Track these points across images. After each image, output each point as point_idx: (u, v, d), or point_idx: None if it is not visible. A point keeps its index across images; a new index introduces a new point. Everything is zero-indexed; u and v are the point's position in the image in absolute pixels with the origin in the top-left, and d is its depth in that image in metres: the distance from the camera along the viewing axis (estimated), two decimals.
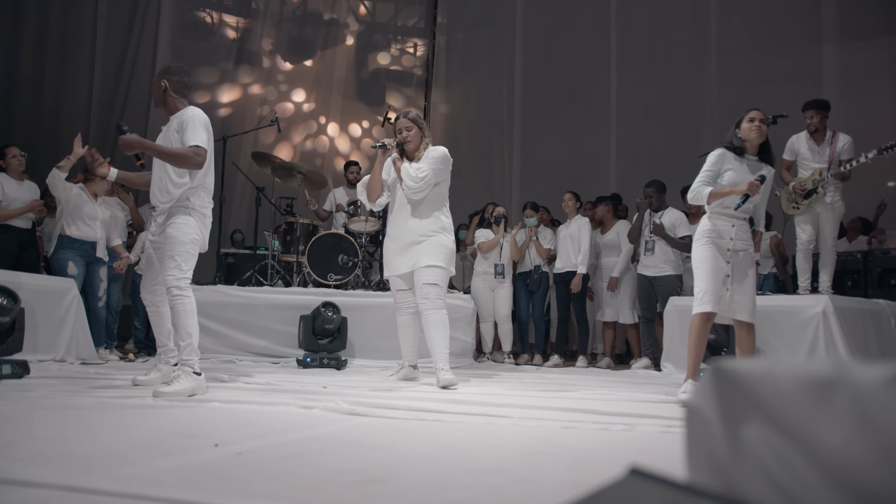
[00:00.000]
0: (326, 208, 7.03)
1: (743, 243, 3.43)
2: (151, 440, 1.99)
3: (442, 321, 3.83)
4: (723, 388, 0.57)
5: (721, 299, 3.36)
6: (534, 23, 10.04)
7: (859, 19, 8.10)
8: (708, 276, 3.38)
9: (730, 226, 3.42)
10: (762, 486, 0.52)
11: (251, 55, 10.03)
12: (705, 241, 3.43)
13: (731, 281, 3.38)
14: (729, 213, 3.41)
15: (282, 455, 1.84)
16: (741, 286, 3.38)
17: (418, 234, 3.90)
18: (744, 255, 3.42)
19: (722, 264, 3.38)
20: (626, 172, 8.99)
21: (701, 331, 3.40)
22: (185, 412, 2.59)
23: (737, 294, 3.38)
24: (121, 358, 5.36)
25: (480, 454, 1.96)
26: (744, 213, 3.42)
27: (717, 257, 3.38)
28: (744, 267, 3.41)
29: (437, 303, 3.84)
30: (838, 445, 0.48)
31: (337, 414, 2.63)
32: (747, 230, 3.44)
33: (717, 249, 3.39)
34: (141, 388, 3.26)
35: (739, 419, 0.55)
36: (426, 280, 3.84)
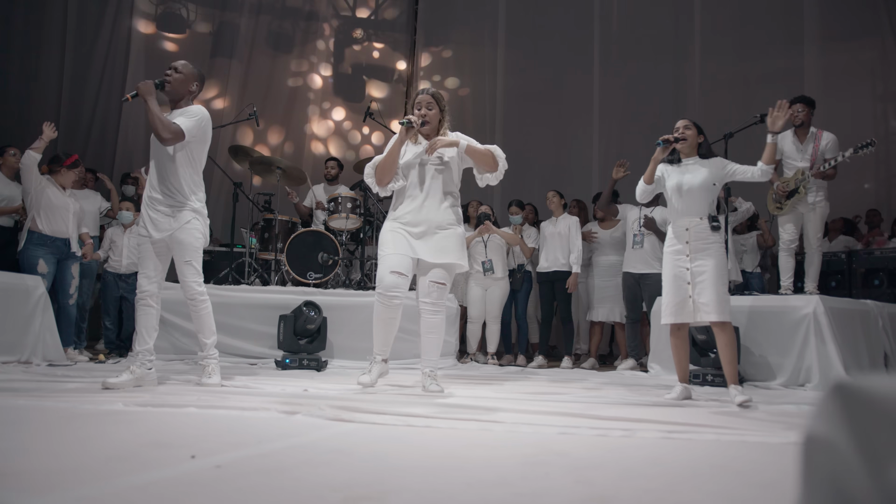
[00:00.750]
0: (307, 205, 6.86)
1: (701, 244, 3.44)
2: (122, 452, 1.84)
3: (441, 325, 3.62)
4: (857, 414, 0.46)
5: (683, 307, 3.44)
6: (516, 19, 9.95)
7: (840, 22, 8.15)
8: (667, 288, 3.53)
9: (684, 230, 3.49)
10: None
11: (228, 49, 9.79)
12: (666, 252, 3.58)
13: (692, 287, 3.41)
14: (683, 216, 3.50)
15: (265, 467, 1.70)
16: (702, 287, 3.38)
17: (435, 223, 3.54)
18: (705, 255, 3.41)
19: (681, 272, 3.45)
20: (609, 170, 8.92)
21: (675, 340, 3.56)
22: (158, 419, 2.43)
23: (700, 296, 3.39)
24: (90, 359, 5.14)
25: (478, 464, 1.83)
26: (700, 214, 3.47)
27: (675, 266, 3.48)
28: (705, 267, 3.39)
29: (440, 304, 3.59)
30: None
31: (321, 420, 2.49)
32: (705, 230, 3.44)
33: (675, 258, 3.49)
34: (111, 392, 3.08)
35: (888, 452, 0.43)
36: (436, 278, 3.54)
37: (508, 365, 6.10)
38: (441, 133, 3.63)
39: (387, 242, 3.55)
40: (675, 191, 3.54)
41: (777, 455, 2.07)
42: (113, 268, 5.74)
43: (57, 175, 5.12)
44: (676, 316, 3.45)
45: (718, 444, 2.22)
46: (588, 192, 8.65)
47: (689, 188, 3.49)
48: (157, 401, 2.81)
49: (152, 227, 3.51)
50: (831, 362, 4.06)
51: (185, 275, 3.53)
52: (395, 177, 3.62)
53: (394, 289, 3.44)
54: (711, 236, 3.43)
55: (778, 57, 8.29)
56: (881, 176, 7.81)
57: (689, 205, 3.49)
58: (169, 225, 3.49)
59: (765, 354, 4.31)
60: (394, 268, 3.45)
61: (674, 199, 3.56)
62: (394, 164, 3.57)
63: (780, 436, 2.33)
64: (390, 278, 3.44)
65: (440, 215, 3.55)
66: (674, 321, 3.47)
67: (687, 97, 8.72)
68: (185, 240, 3.49)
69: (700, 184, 3.47)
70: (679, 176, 3.55)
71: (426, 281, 3.56)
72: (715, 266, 3.38)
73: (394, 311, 3.48)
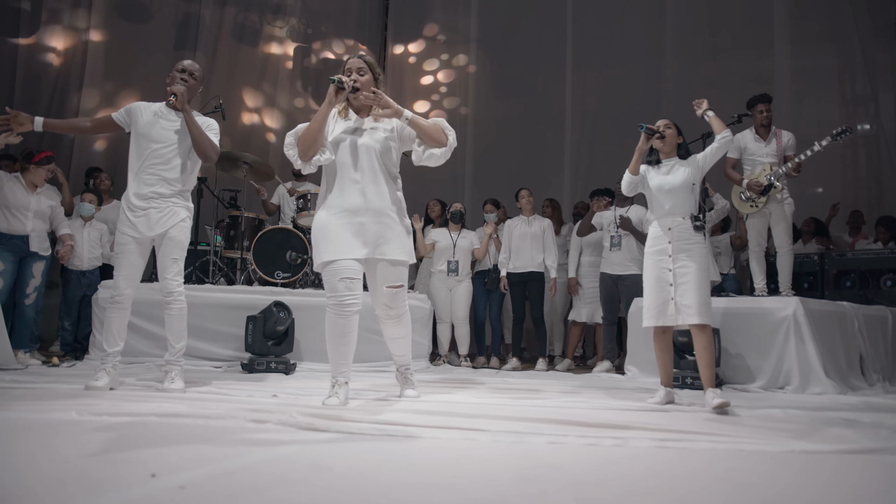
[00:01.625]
0: (274, 202, 6.63)
1: (684, 244, 3.38)
2: (73, 471, 1.65)
3: (407, 327, 3.37)
4: None
5: (665, 310, 3.37)
6: (489, 17, 9.84)
7: (808, 26, 8.21)
8: (648, 290, 3.47)
9: (666, 229, 3.45)
10: None
11: (192, 41, 9.47)
12: (648, 253, 3.52)
13: (674, 288, 3.35)
14: (666, 216, 3.46)
15: (235, 487, 1.54)
16: (684, 289, 3.32)
17: (375, 212, 3.08)
18: (687, 256, 3.36)
19: (663, 273, 3.40)
20: (581, 171, 8.90)
21: (658, 342, 3.48)
22: (115, 430, 2.23)
23: (682, 298, 3.32)
24: (43, 362, 4.86)
25: (469, 480, 1.69)
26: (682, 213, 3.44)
27: (657, 268, 3.43)
28: (687, 269, 3.33)
29: (402, 308, 3.27)
30: None
31: (294, 429, 2.33)
32: (688, 230, 3.40)
33: (657, 259, 3.44)
34: (62, 401, 2.85)
35: None
36: (393, 282, 3.18)
37: (482, 367, 5.98)
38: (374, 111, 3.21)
39: (329, 240, 3.05)
40: (657, 191, 3.51)
41: (777, 465, 1.97)
42: (74, 265, 5.44)
43: (27, 173, 4.86)
44: (658, 318, 3.39)
45: (715, 454, 2.12)
46: (560, 191, 8.60)
47: (670, 188, 3.46)
48: (114, 409, 2.60)
49: (145, 226, 3.44)
50: (811, 365, 4.02)
51: (170, 272, 3.48)
52: (321, 149, 3.13)
53: (349, 296, 3.00)
54: (694, 236, 3.38)
55: (749, 60, 8.32)
56: (848, 178, 7.90)
57: (671, 205, 3.45)
58: (165, 222, 3.46)
59: (744, 357, 4.26)
60: (344, 273, 3.00)
61: (655, 200, 3.52)
62: (319, 133, 3.07)
63: (776, 444, 2.24)
64: (342, 285, 2.99)
65: (380, 202, 3.10)
66: (655, 324, 3.41)
67: (659, 98, 8.71)
68: (177, 237, 3.48)
69: (681, 183, 3.45)
70: (660, 176, 3.52)
71: (381, 287, 3.19)
72: (698, 268, 3.33)
73: (351, 322, 3.02)
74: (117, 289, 3.45)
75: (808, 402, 3.58)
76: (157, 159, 3.46)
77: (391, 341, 3.41)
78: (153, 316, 4.81)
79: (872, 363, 4.60)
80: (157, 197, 3.45)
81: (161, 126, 3.50)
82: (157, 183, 3.44)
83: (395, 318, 3.29)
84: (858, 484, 1.83)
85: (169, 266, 3.48)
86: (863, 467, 2.00)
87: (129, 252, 3.45)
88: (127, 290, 3.47)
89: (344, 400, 3.02)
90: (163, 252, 3.49)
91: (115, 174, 6.62)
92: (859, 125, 7.98)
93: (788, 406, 3.33)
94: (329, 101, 3.08)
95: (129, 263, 3.46)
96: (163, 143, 3.48)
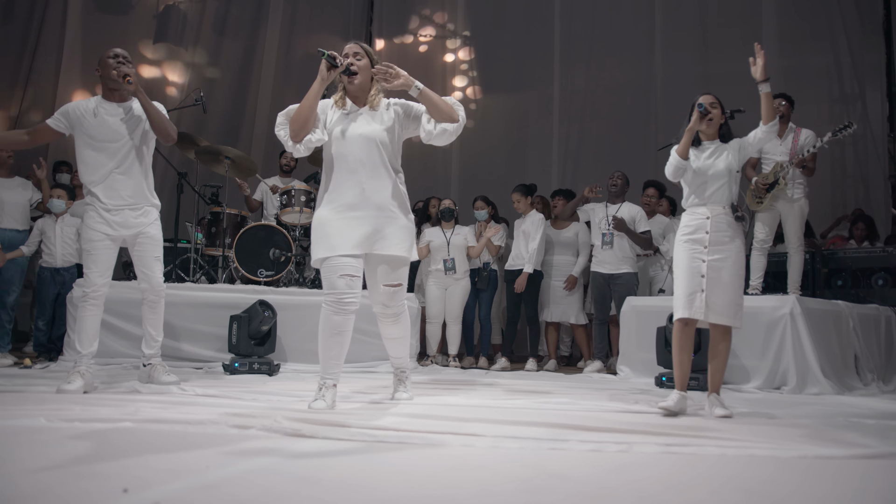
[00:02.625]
0: (257, 198, 6.46)
1: (722, 235, 3.11)
2: (39, 485, 1.50)
3: (406, 327, 3.23)
4: None
5: (693, 301, 3.08)
6: (476, 12, 9.72)
7: (797, 25, 8.19)
8: (681, 280, 3.15)
9: (704, 218, 3.16)
10: None
11: (174, 32, 9.25)
12: (680, 240, 3.20)
13: (705, 281, 3.09)
14: (708, 203, 3.17)
15: (215, 503, 1.40)
16: (717, 286, 3.07)
17: (375, 206, 2.93)
18: (724, 251, 3.10)
19: (696, 263, 3.11)
20: (569, 166, 8.82)
21: (679, 338, 3.14)
22: (86, 437, 2.07)
23: (712, 294, 3.07)
24: (15, 363, 4.66)
25: (472, 492, 1.57)
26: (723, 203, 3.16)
27: (691, 257, 3.13)
28: (723, 264, 3.08)
29: (401, 307, 3.14)
30: None
31: (279, 436, 2.19)
32: (727, 221, 3.13)
33: (692, 248, 3.14)
34: (32, 406, 2.68)
35: None
36: (391, 281, 3.03)
37: (470, 367, 5.86)
38: (373, 94, 3.04)
39: (327, 236, 2.91)
40: (698, 175, 3.20)
41: (793, 472, 1.87)
42: (48, 262, 5.24)
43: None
44: (687, 309, 3.10)
45: (727, 460, 2.01)
46: (547, 187, 8.49)
47: (714, 173, 3.17)
48: (86, 415, 2.44)
49: (120, 225, 3.42)
50: (808, 364, 3.95)
51: (155, 270, 3.53)
52: (313, 130, 2.97)
53: (348, 293, 2.87)
54: (733, 228, 3.13)
55: (738, 58, 8.25)
56: (837, 178, 7.88)
57: (714, 191, 3.17)
58: (138, 221, 3.47)
59: (739, 356, 4.17)
60: (344, 270, 2.87)
61: (696, 186, 3.20)
62: (311, 112, 2.92)
63: (787, 449, 2.14)
64: (342, 282, 2.86)
65: (382, 196, 2.95)
66: (686, 315, 3.10)
67: (648, 95, 8.65)
68: (155, 235, 3.53)
69: (724, 168, 3.17)
70: (703, 160, 3.23)
71: (380, 285, 3.05)
72: (734, 265, 3.10)
73: (347, 320, 2.89)
74: (92, 285, 3.35)
75: (807, 402, 3.50)
76: (116, 155, 3.40)
77: (388, 341, 3.27)
78: (129, 315, 4.64)
79: (867, 362, 4.54)
80: (128, 197, 3.43)
81: (107, 123, 3.40)
82: (125, 181, 3.42)
83: (393, 318, 3.15)
84: (881, 492, 1.73)
85: (153, 266, 3.52)
86: (882, 474, 1.90)
87: (103, 248, 3.39)
88: (103, 287, 3.40)
89: (331, 403, 2.86)
90: (144, 251, 3.50)
91: None
92: None
93: (790, 407, 3.24)
94: (321, 79, 2.92)
95: (105, 258, 3.40)
96: (116, 139, 3.40)
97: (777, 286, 5.16)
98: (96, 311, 3.38)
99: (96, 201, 3.40)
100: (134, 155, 3.45)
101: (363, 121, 3.00)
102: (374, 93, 3.04)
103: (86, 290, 3.37)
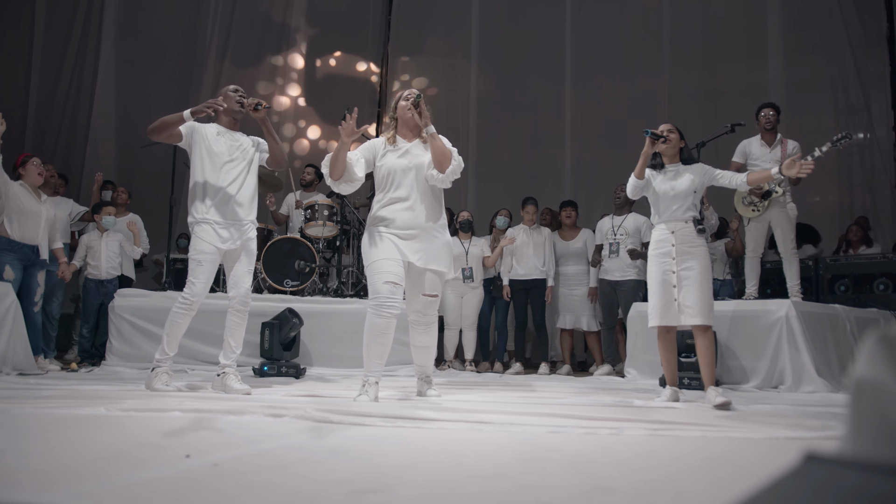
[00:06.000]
0: (283, 212, 6.81)
1: (687, 246, 3.48)
2: (113, 453, 1.81)
3: (434, 337, 3.58)
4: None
5: (669, 310, 3.47)
6: (489, 30, 10.04)
7: (802, 37, 8.41)
8: (653, 291, 3.57)
9: (669, 232, 3.54)
10: None
11: (199, 59, 9.69)
12: (651, 255, 3.62)
13: (677, 290, 3.45)
14: (670, 220, 3.55)
15: (263, 465, 1.69)
16: (688, 290, 3.43)
17: (423, 228, 3.37)
18: (690, 259, 3.45)
19: (667, 276, 3.50)
20: (581, 184, 9.07)
21: (662, 342, 3.59)
22: (144, 422, 2.39)
23: (686, 299, 3.43)
24: (62, 368, 5.02)
25: (475, 461, 1.85)
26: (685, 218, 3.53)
27: (661, 270, 3.53)
28: (690, 272, 3.44)
29: (435, 317, 3.53)
30: None
31: (309, 422, 2.48)
32: (691, 232, 3.49)
33: (661, 261, 3.53)
34: (89, 399, 3.01)
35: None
36: (430, 291, 3.41)
37: (485, 372, 6.12)
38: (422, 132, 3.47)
39: (376, 248, 3.32)
40: (662, 196, 3.58)
41: (763, 449, 2.12)
42: (93, 275, 5.63)
43: (24, 177, 5.00)
44: (662, 318, 3.48)
45: (706, 441, 2.27)
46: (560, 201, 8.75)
47: (674, 193, 3.54)
48: (140, 406, 2.76)
49: (228, 239, 3.64)
50: (804, 364, 4.16)
51: (247, 282, 3.74)
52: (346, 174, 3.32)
53: (390, 299, 3.22)
54: (696, 239, 3.48)
55: (744, 71, 8.52)
56: (844, 186, 8.06)
57: (675, 209, 3.53)
58: (243, 237, 3.71)
59: (739, 358, 4.40)
60: (388, 277, 3.23)
61: (661, 204, 3.59)
62: (337, 161, 3.27)
63: (762, 432, 2.39)
64: (386, 288, 3.22)
65: (430, 220, 3.39)
66: (660, 323, 3.50)
67: (656, 110, 8.89)
68: (253, 250, 3.77)
69: (685, 188, 3.53)
70: (666, 182, 3.60)
71: (419, 295, 3.43)
72: (700, 270, 3.43)
73: (390, 323, 3.23)
74: (196, 294, 3.56)
75: (800, 399, 3.73)
76: (230, 175, 3.67)
77: (417, 349, 3.60)
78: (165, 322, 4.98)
79: None
80: (237, 213, 3.67)
81: (226, 145, 3.70)
82: (235, 200, 3.66)
83: (426, 326, 3.50)
84: None
85: (247, 279, 3.74)
86: None
87: (211, 261, 3.61)
88: (203, 296, 3.60)
89: (374, 397, 3.20)
90: (242, 264, 3.72)
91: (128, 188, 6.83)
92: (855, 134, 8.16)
93: (780, 403, 3.47)
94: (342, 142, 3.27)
95: (211, 270, 3.63)
96: (231, 161, 3.69)
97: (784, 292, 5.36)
98: (190, 317, 3.59)
99: (210, 216, 3.62)
100: (244, 176, 3.72)
101: (415, 153, 3.44)
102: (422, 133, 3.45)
103: (189, 298, 3.54)
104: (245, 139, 3.81)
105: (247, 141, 3.81)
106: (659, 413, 2.94)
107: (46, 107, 8.85)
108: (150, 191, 7.93)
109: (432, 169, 3.38)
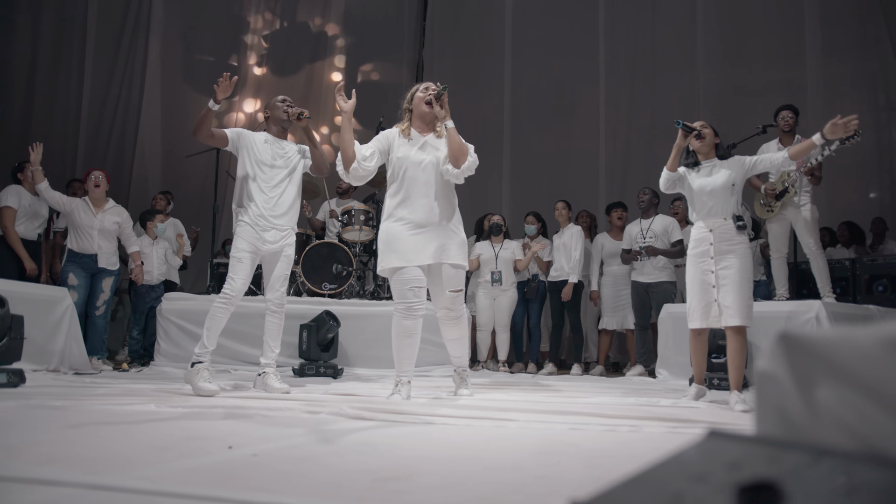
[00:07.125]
0: (320, 218, 7.02)
1: (726, 245, 3.41)
2: (162, 443, 1.98)
3: (465, 329, 3.70)
4: (794, 354, 0.60)
5: (709, 311, 3.42)
6: (522, 33, 10.11)
7: (840, 33, 8.26)
8: (692, 292, 3.50)
9: (708, 231, 3.47)
10: (838, 435, 0.55)
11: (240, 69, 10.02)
12: (690, 255, 3.55)
13: (717, 290, 3.40)
14: (707, 217, 3.48)
15: (297, 456, 1.84)
16: (726, 290, 3.37)
17: (438, 223, 3.40)
18: (729, 258, 3.39)
19: (706, 276, 3.43)
20: (616, 185, 9.07)
21: (694, 344, 3.56)
22: (190, 418, 2.57)
23: (725, 299, 3.37)
24: (114, 368, 5.31)
25: (496, 454, 1.96)
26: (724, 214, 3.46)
27: (700, 270, 3.46)
28: (729, 270, 3.37)
29: (462, 310, 3.60)
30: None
31: (344, 418, 2.63)
32: (730, 230, 3.42)
33: (699, 261, 3.47)
34: (139, 396, 3.22)
35: (813, 380, 0.58)
36: (453, 287, 3.48)
37: (519, 373, 6.22)
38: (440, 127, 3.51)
39: (396, 250, 3.35)
40: (698, 192, 3.51)
41: None
42: (144, 280, 5.93)
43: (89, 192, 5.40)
44: (703, 320, 3.44)
45: None
46: (595, 203, 8.77)
47: (711, 189, 3.47)
48: (186, 403, 2.96)
49: (268, 241, 3.78)
50: None
51: (283, 286, 3.89)
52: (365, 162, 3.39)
53: (416, 301, 3.31)
54: (736, 237, 3.41)
55: (780, 68, 8.41)
56: (885, 184, 7.90)
57: (712, 205, 3.46)
58: (283, 241, 3.85)
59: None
60: (412, 283, 3.31)
61: (698, 201, 3.53)
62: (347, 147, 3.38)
63: None
64: (408, 294, 3.31)
65: (445, 214, 3.42)
66: (701, 326, 3.45)
67: (691, 109, 8.84)
68: (291, 256, 3.91)
69: (722, 184, 3.45)
70: (701, 178, 3.53)
71: (444, 291, 3.49)
72: (740, 268, 3.36)
73: (417, 324, 3.32)
74: (235, 290, 3.67)
75: None
76: (274, 180, 3.83)
77: (450, 342, 3.70)
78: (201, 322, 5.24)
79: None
80: (280, 218, 3.82)
81: (273, 152, 3.85)
82: (279, 205, 3.82)
83: (455, 320, 3.59)
84: None
85: (283, 281, 3.90)
86: None
87: (250, 259, 3.75)
88: (242, 292, 3.73)
89: (407, 396, 3.32)
90: (279, 267, 3.87)
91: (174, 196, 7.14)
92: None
93: None
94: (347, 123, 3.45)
95: (250, 268, 3.77)
96: (277, 167, 3.85)
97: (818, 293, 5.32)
98: (229, 312, 3.69)
99: (253, 218, 3.77)
100: (287, 183, 3.86)
101: (430, 148, 3.47)
102: (440, 127, 3.50)
103: (228, 293, 3.65)
104: (291, 147, 3.93)
105: (292, 148, 3.93)
106: (681, 412, 3.01)
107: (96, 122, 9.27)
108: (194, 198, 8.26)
109: (448, 164, 3.41)
